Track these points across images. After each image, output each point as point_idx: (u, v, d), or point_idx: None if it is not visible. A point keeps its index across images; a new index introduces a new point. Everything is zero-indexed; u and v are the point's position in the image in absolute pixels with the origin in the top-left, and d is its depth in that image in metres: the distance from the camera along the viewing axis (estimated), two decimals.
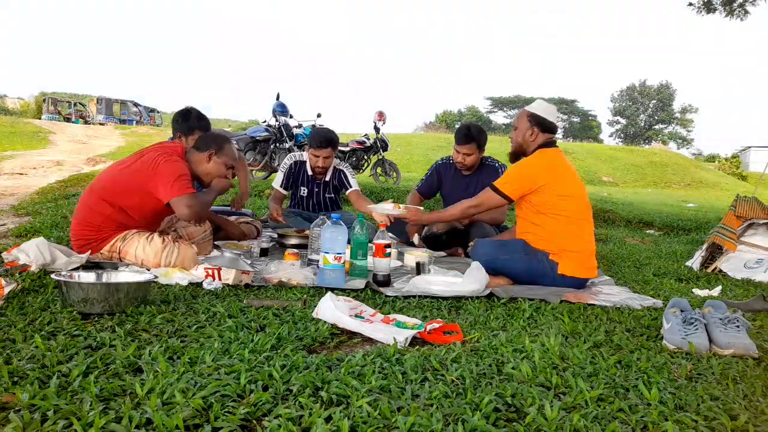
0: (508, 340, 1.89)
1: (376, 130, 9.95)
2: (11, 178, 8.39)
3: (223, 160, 3.02)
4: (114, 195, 2.83)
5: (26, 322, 1.80)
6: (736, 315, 2.04)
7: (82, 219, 2.85)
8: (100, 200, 2.84)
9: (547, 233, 2.96)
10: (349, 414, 1.23)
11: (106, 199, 2.83)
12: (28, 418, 1.13)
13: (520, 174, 3.01)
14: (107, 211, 2.82)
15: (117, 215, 2.83)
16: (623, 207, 8.84)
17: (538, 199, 2.96)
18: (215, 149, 2.99)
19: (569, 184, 2.98)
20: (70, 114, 30.54)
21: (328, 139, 4.18)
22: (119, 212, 2.83)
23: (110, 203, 2.82)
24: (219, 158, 3.00)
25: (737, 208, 3.92)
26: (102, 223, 2.82)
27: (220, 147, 3.01)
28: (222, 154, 3.01)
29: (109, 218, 2.83)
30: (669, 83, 53.94)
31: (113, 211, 2.82)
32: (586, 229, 3.03)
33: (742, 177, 26.60)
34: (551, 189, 2.93)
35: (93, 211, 2.83)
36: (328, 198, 4.42)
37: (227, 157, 3.03)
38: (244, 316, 2.03)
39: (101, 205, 2.83)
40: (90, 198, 2.87)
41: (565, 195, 2.95)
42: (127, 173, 2.85)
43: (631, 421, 1.31)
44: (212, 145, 3.00)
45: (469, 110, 50.79)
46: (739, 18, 9.28)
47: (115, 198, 2.82)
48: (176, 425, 1.13)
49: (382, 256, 2.82)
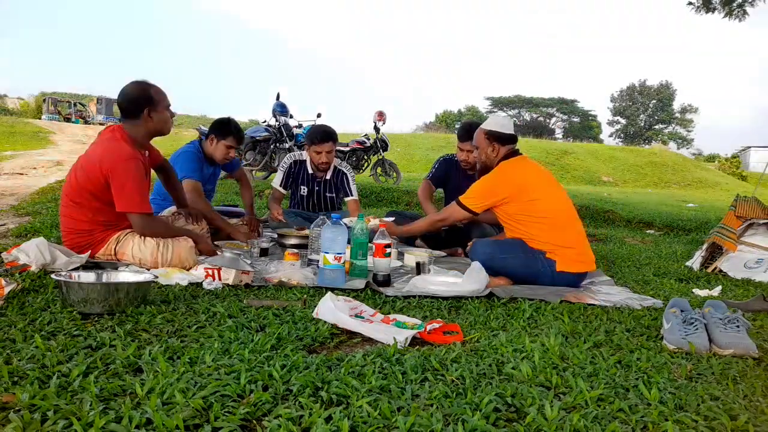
0: (508, 340, 1.89)
1: (376, 130, 9.95)
2: (11, 178, 8.39)
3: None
4: (81, 198, 2.74)
5: (26, 322, 1.80)
6: (736, 315, 2.04)
7: (68, 229, 2.79)
8: (73, 205, 2.76)
9: (535, 236, 3.00)
10: (349, 414, 1.23)
11: (78, 203, 2.75)
12: (28, 418, 1.13)
13: (482, 189, 3.12)
14: (87, 215, 2.75)
15: (96, 215, 2.76)
16: (623, 207, 8.85)
17: (510, 209, 3.05)
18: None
19: (537, 188, 3.03)
20: (70, 114, 30.53)
21: (327, 133, 4.23)
22: (96, 212, 2.75)
23: (84, 206, 2.74)
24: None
25: (737, 208, 3.92)
26: (88, 226, 2.76)
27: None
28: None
29: (92, 220, 2.76)
30: (669, 83, 53.95)
31: (92, 212, 2.75)
32: (572, 226, 3.06)
33: (742, 177, 26.60)
34: (518, 198, 3.01)
35: (73, 218, 2.76)
36: (329, 197, 4.43)
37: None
38: (244, 316, 2.03)
39: (77, 210, 2.75)
40: (64, 207, 2.79)
41: (536, 199, 3.00)
42: (82, 175, 2.73)
43: (631, 421, 1.31)
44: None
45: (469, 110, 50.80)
46: (737, 18, 9.28)
47: (84, 200, 2.74)
48: (176, 425, 1.13)
49: (382, 256, 2.82)
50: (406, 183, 9.39)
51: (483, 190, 3.11)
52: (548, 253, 2.96)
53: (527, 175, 3.08)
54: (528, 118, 52.84)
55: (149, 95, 2.85)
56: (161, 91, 2.94)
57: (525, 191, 3.01)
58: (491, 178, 3.11)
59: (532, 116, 53.25)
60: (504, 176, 3.07)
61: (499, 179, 3.07)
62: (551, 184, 3.14)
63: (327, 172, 4.36)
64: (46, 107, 31.03)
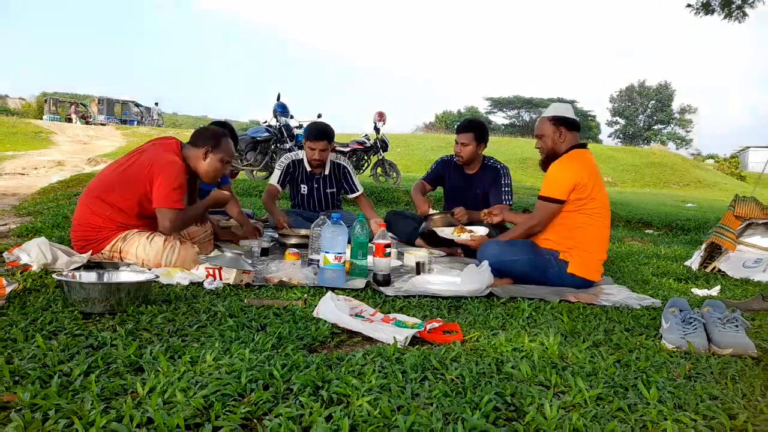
0: (507, 339, 1.89)
1: (376, 131, 9.95)
2: (13, 178, 8.40)
3: (219, 157, 2.97)
4: (112, 195, 2.81)
5: (28, 322, 1.80)
6: (735, 314, 2.04)
7: (83, 220, 2.83)
8: (98, 201, 2.82)
9: (567, 229, 2.95)
10: (350, 413, 1.24)
11: (105, 200, 2.81)
12: (30, 418, 1.14)
13: (563, 173, 2.95)
14: (106, 212, 2.81)
15: (116, 215, 2.82)
16: (623, 207, 8.85)
17: (573, 197, 2.93)
18: (211, 146, 2.94)
19: (599, 187, 2.98)
20: (71, 114, 30.53)
21: (322, 131, 4.21)
22: (118, 212, 2.82)
23: (109, 204, 2.81)
24: (215, 155, 2.96)
25: (736, 208, 3.93)
26: (102, 223, 2.81)
27: (217, 143, 2.96)
28: (218, 150, 2.96)
29: (109, 218, 2.81)
30: (668, 83, 53.95)
31: (112, 212, 2.81)
32: (605, 234, 3.03)
33: (740, 177, 26.61)
34: (588, 189, 2.92)
35: (92, 212, 2.81)
36: (329, 193, 4.42)
37: (224, 153, 2.99)
38: (245, 316, 2.04)
39: (100, 205, 2.81)
40: (88, 199, 2.86)
41: (595, 197, 2.95)
42: (123, 173, 2.83)
43: (630, 420, 1.31)
44: (209, 141, 2.95)
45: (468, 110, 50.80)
46: (737, 20, 9.28)
47: (114, 198, 2.81)
48: (177, 424, 1.14)
49: (382, 255, 2.82)
50: (406, 183, 9.38)
51: (564, 174, 2.93)
52: (562, 254, 2.95)
53: (596, 172, 3.01)
54: (528, 119, 52.81)
55: (219, 140, 2.99)
56: (231, 146, 3.08)
57: (593, 185, 2.92)
58: (570, 161, 2.96)
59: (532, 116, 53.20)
60: (583, 162, 2.95)
61: (580, 164, 2.94)
62: (605, 190, 3.05)
63: (324, 168, 4.36)
64: (48, 107, 31.04)
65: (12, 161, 11.04)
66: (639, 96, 54.34)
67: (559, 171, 2.97)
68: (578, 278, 2.96)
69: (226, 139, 3.05)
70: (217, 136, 3.01)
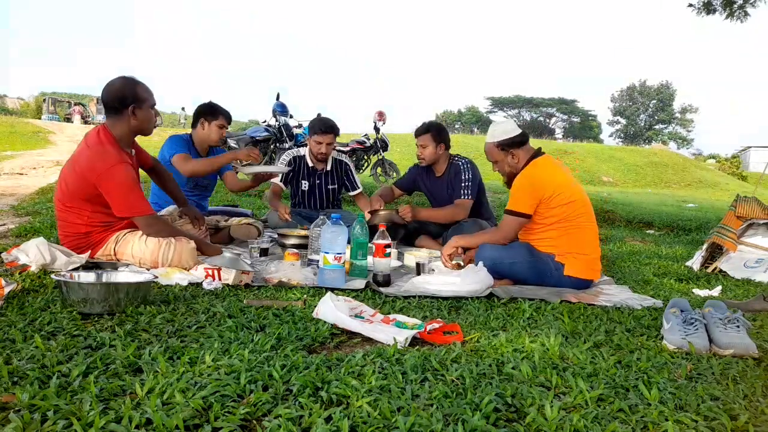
0: (508, 340, 1.88)
1: (376, 130, 9.95)
2: (11, 178, 8.39)
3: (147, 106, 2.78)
4: (75, 202, 2.69)
5: (26, 322, 1.80)
6: (736, 315, 2.04)
7: (68, 232, 2.75)
8: (69, 209, 2.71)
9: (554, 239, 2.96)
10: (349, 414, 1.23)
11: (73, 207, 2.70)
12: (28, 418, 1.13)
13: (528, 187, 2.94)
14: (83, 217, 2.70)
15: (95, 216, 2.72)
16: (623, 207, 8.85)
17: (545, 211, 2.93)
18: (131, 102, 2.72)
19: (570, 189, 2.97)
20: (69, 114, 30.52)
21: (330, 126, 4.26)
22: (93, 214, 2.71)
23: (81, 210, 2.70)
24: (141, 107, 2.76)
25: (737, 208, 3.92)
26: (87, 229, 2.72)
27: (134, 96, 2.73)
28: (140, 102, 2.75)
29: (89, 222, 2.71)
30: (669, 83, 54.01)
31: (90, 213, 2.70)
32: (591, 233, 3.02)
33: (742, 177, 26.61)
34: (560, 197, 2.91)
35: (70, 222, 2.72)
36: (330, 189, 4.44)
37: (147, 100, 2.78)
38: (244, 316, 2.03)
39: (73, 213, 2.71)
40: (60, 210, 2.75)
41: (573, 199, 2.94)
42: (74, 176, 2.67)
43: (631, 421, 1.31)
44: (126, 101, 2.72)
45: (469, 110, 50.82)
46: (739, 20, 9.27)
47: (80, 204, 2.69)
48: (176, 425, 1.13)
49: (382, 256, 2.82)
50: None
51: (529, 187, 2.93)
52: (558, 256, 2.94)
53: (562, 174, 3.00)
54: (528, 118, 52.86)
55: (135, 92, 2.74)
56: (147, 88, 2.82)
57: (563, 190, 2.91)
58: (532, 173, 2.96)
59: (532, 116, 53.27)
60: (546, 172, 2.95)
61: (542, 175, 2.93)
62: (578, 187, 3.05)
63: (327, 163, 4.38)
64: (46, 107, 31.02)
65: (10, 161, 11.03)
66: (640, 95, 54.39)
67: (521, 189, 2.97)
68: (577, 279, 2.95)
69: (140, 85, 2.80)
70: (128, 90, 2.74)
